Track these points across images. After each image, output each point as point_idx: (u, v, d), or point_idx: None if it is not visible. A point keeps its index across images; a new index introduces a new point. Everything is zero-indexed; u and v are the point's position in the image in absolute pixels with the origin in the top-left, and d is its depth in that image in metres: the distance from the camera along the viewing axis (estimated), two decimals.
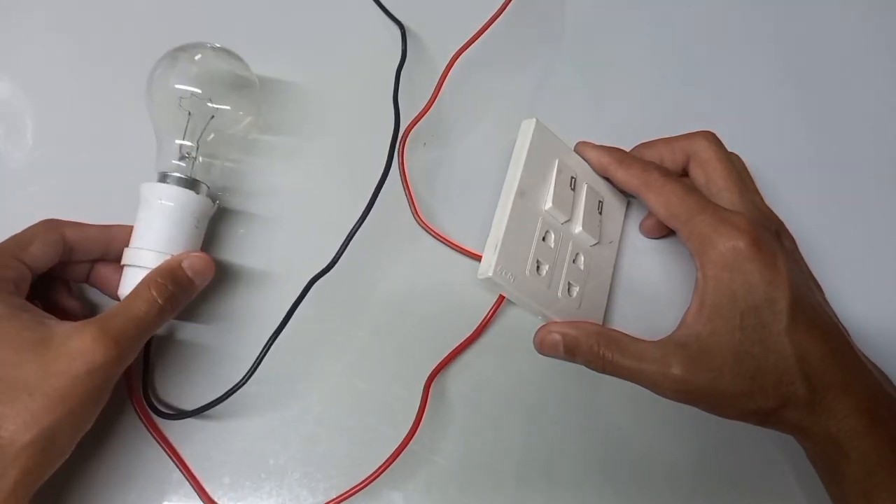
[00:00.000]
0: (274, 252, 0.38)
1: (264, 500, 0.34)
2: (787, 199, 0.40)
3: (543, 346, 0.34)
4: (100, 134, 0.40)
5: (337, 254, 0.36)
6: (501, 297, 0.38)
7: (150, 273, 0.32)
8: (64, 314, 0.31)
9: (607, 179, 0.40)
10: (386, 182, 0.37)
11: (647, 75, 0.46)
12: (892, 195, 0.45)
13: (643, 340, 0.33)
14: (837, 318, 0.35)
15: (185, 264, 0.33)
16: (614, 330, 0.34)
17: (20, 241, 0.31)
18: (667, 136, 0.38)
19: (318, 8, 0.44)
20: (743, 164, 0.38)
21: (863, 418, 0.31)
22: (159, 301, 0.31)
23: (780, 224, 0.37)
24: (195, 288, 0.33)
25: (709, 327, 0.32)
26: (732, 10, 0.49)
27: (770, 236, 0.33)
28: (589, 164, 0.39)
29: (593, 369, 0.33)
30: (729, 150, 0.37)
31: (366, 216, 0.36)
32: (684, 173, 0.38)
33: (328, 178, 0.40)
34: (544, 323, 0.36)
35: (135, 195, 0.36)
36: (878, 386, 0.32)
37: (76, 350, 0.28)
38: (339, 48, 0.43)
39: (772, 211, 0.37)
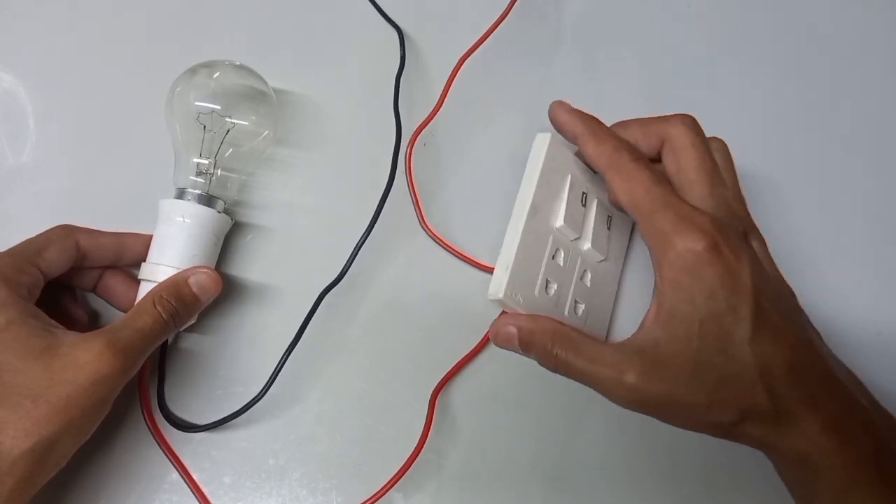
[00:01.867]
0: (277, 264, 0.38)
1: (264, 499, 0.34)
2: (788, 198, 0.40)
3: (498, 338, 0.32)
4: (103, 136, 0.40)
5: (345, 266, 0.36)
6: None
7: (156, 288, 0.32)
8: (69, 322, 0.31)
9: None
10: (391, 189, 0.37)
11: (649, 76, 0.46)
12: (894, 194, 0.45)
13: (602, 343, 0.31)
14: (811, 325, 0.33)
15: (191, 280, 0.33)
16: (574, 329, 0.32)
17: (36, 246, 0.31)
18: (644, 117, 0.35)
19: (313, 15, 0.44)
20: (725, 150, 0.34)
21: (833, 435, 0.29)
22: (163, 316, 0.31)
23: (751, 224, 0.34)
24: (200, 304, 0.33)
25: (666, 333, 0.29)
26: (733, 10, 0.48)
27: (735, 238, 0.30)
28: (559, 128, 0.36)
29: (545, 367, 0.32)
30: (729, 149, 0.35)
31: (372, 227, 0.37)
32: (658, 158, 0.34)
33: (331, 188, 0.40)
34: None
35: (137, 197, 0.37)
36: (850, 399, 0.30)
37: (83, 360, 0.28)
38: (336, 56, 0.43)
39: (745, 208, 0.34)
